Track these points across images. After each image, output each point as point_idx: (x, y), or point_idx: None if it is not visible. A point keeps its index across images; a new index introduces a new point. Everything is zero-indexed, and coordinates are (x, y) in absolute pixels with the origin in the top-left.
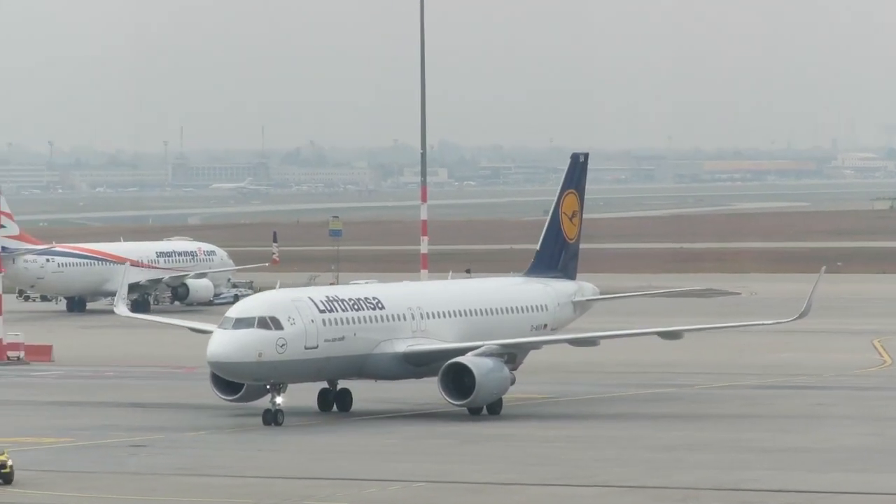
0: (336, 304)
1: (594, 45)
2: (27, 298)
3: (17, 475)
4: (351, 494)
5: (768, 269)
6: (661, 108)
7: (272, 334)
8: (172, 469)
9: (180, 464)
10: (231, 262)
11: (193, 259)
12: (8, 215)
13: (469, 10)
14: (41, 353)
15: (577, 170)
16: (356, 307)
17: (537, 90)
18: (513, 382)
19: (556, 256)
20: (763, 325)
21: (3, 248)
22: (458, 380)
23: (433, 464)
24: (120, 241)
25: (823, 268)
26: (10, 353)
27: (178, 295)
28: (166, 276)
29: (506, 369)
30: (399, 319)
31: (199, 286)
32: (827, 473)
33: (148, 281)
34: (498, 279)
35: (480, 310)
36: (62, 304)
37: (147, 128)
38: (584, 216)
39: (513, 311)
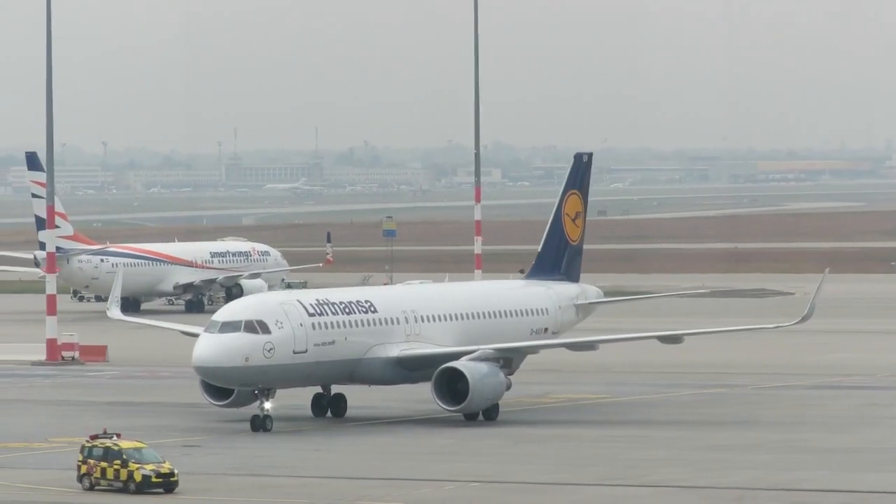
0: (326, 308)
1: (649, 44)
2: (81, 299)
3: (64, 475)
4: (405, 494)
5: (822, 270)
6: (715, 108)
7: (259, 338)
8: (227, 469)
9: (235, 463)
10: (285, 262)
11: (247, 259)
12: (62, 216)
13: (523, 10)
14: (96, 353)
15: (581, 170)
16: (347, 310)
17: (591, 90)
18: (508, 388)
19: (558, 259)
20: (764, 328)
21: (58, 248)
22: (453, 385)
23: (488, 464)
24: (174, 241)
25: (827, 270)
26: (65, 354)
27: (232, 295)
28: (220, 276)
29: (501, 374)
30: (392, 323)
31: (253, 286)
32: (880, 473)
33: (202, 281)
34: (497, 282)
35: (478, 313)
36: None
37: (201, 128)
38: (638, 216)
39: (511, 315)
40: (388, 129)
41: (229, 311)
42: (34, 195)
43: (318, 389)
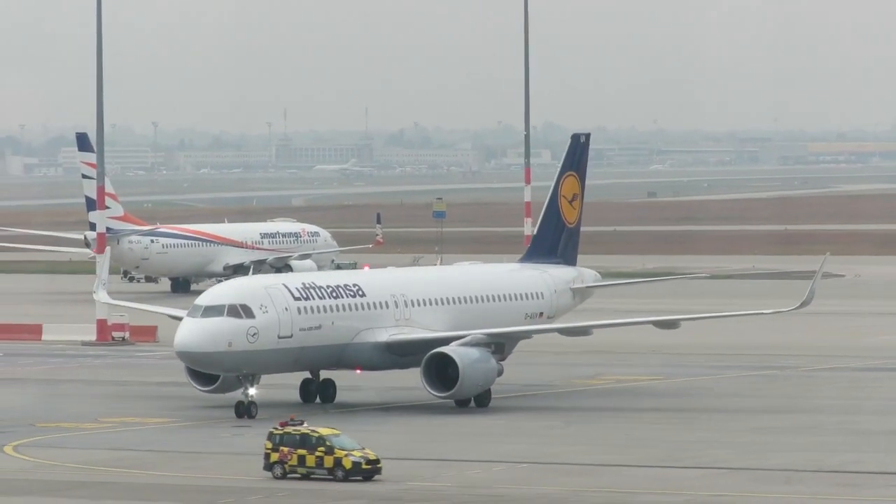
0: (313, 292)
1: (699, 25)
2: (132, 279)
3: (121, 454)
4: (455, 475)
5: (874, 251)
6: (766, 89)
7: (243, 323)
8: None
9: None
10: (335, 243)
11: (297, 240)
12: (113, 196)
13: None
14: (146, 333)
15: (578, 151)
16: (334, 294)
17: (642, 71)
18: (500, 373)
19: (554, 242)
20: (762, 314)
21: (108, 229)
22: (442, 371)
23: (537, 445)
24: (224, 222)
25: (827, 254)
26: (116, 334)
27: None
28: (270, 257)
29: (493, 360)
30: (381, 307)
31: (304, 267)
32: None
33: (252, 262)
34: (491, 266)
35: (469, 297)
36: (166, 285)
37: (251, 109)
38: (688, 198)
39: (505, 299)
40: (439, 111)
41: (212, 295)
42: (84, 176)
43: (307, 375)
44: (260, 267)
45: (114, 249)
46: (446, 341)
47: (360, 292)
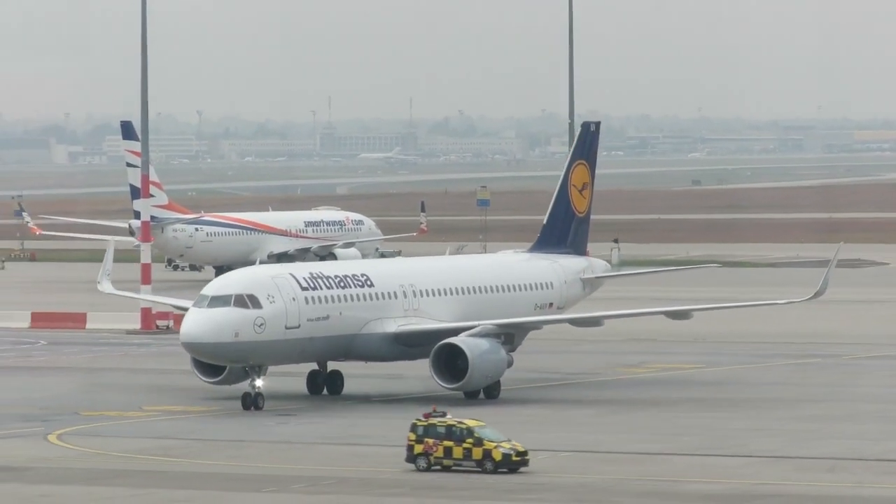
0: (320, 282)
1: (743, 12)
2: (176, 268)
3: (166, 442)
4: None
5: None
6: (810, 77)
7: (250, 313)
8: (320, 437)
9: (328, 433)
10: (379, 231)
11: (341, 228)
12: (157, 185)
13: None
14: None
15: (588, 139)
16: (342, 284)
17: (685, 59)
18: (510, 365)
19: (564, 231)
20: (775, 304)
21: (153, 217)
22: (452, 362)
23: (581, 433)
24: (268, 210)
25: (841, 243)
26: (160, 323)
27: None
28: (314, 245)
29: (502, 351)
30: (390, 297)
31: (348, 255)
32: None
33: (296, 250)
34: (500, 255)
35: (479, 287)
36: (210, 273)
37: (296, 97)
38: (732, 186)
39: (514, 290)
40: (483, 99)
41: (219, 285)
42: (129, 164)
43: (314, 366)
44: (304, 255)
45: (158, 238)
46: (455, 332)
47: (369, 282)
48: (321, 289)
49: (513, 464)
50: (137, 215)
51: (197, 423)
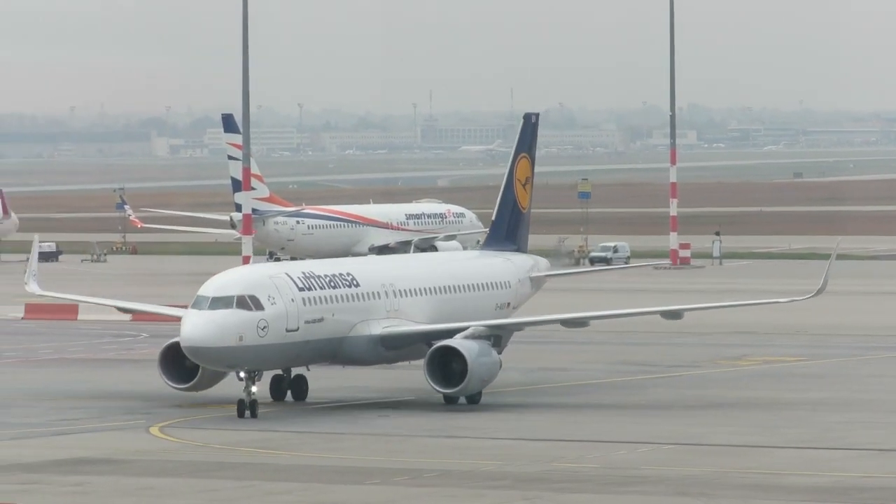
0: (313, 282)
1: (845, 3)
2: (277, 260)
3: (267, 435)
4: (600, 456)
5: None
6: None
7: (253, 315)
8: (421, 430)
9: (428, 425)
10: (480, 224)
11: (442, 221)
12: (258, 177)
13: None
14: None
15: (529, 131)
16: (332, 285)
17: (787, 52)
18: (500, 367)
19: (511, 228)
20: (777, 302)
21: (254, 210)
22: (445, 365)
23: (682, 426)
24: (369, 203)
25: (839, 239)
26: None
27: None
28: (416, 237)
29: (494, 353)
30: (374, 298)
31: (449, 247)
32: None
33: (397, 243)
34: (460, 253)
35: (447, 287)
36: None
37: (397, 90)
38: (834, 179)
39: (477, 289)
40: (583, 91)
41: (217, 286)
42: (230, 157)
43: (277, 371)
44: (405, 248)
45: (259, 231)
46: (444, 334)
47: (355, 282)
48: (315, 289)
49: None
50: (239, 208)
51: (297, 416)
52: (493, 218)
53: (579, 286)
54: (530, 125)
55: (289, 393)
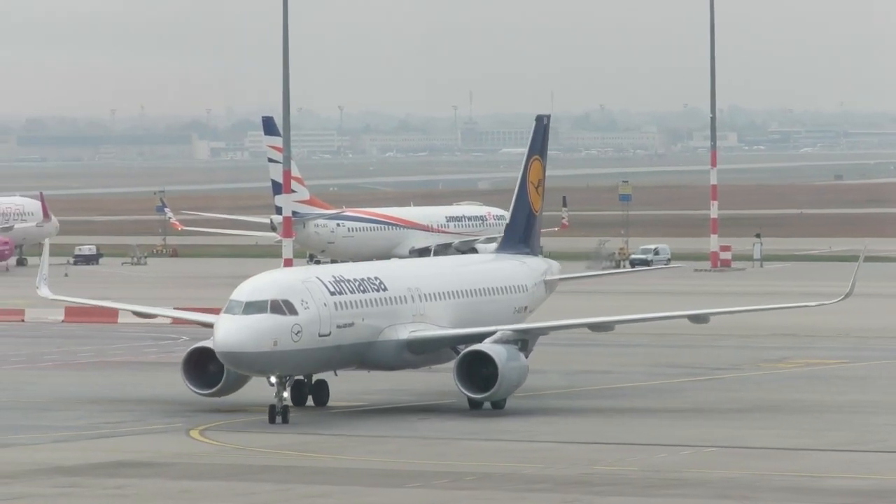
0: (344, 286)
1: (886, 6)
2: (318, 263)
3: (306, 438)
4: (641, 459)
5: None
6: None
7: (287, 320)
8: (462, 434)
9: (470, 429)
10: None
11: (483, 223)
12: (299, 180)
13: None
14: None
15: (541, 133)
16: (362, 289)
17: (827, 53)
18: (528, 372)
19: (525, 231)
20: (807, 306)
21: (294, 212)
22: (474, 370)
23: (723, 429)
24: (410, 205)
25: (867, 242)
26: None
27: None
28: (456, 240)
29: (522, 357)
30: (401, 302)
31: (489, 250)
32: None
33: (438, 245)
34: (472, 256)
35: (468, 290)
36: None
37: (437, 92)
38: (875, 181)
39: (497, 293)
40: (624, 93)
41: (250, 290)
42: (270, 160)
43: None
44: (445, 250)
45: (300, 233)
46: (471, 338)
47: (383, 286)
48: (346, 293)
49: None
50: (279, 211)
51: (338, 419)
52: (508, 221)
53: (618, 289)
54: (542, 127)
55: (310, 398)
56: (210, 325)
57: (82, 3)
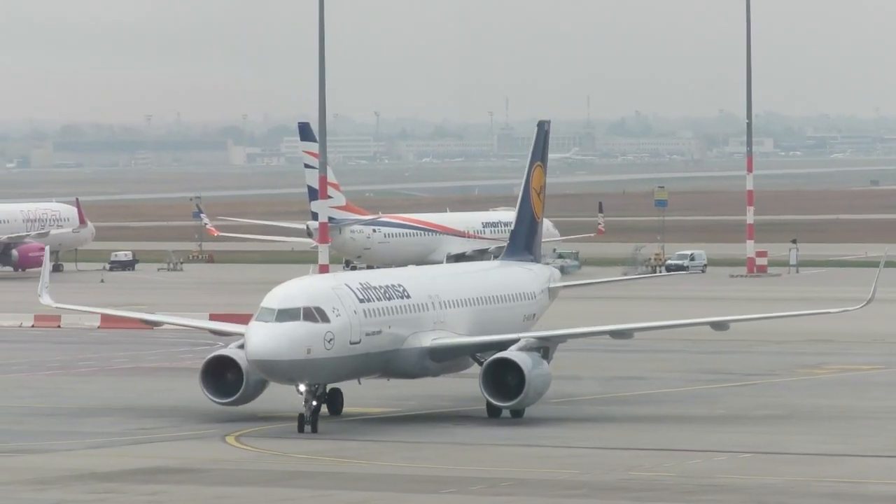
0: (371, 293)
1: None
2: (354, 268)
3: (342, 444)
4: (675, 465)
5: None
6: None
7: (320, 328)
8: (497, 439)
9: (506, 434)
10: (556, 232)
11: None
12: (335, 186)
13: None
14: None
15: (542, 139)
16: (388, 296)
17: (864, 58)
18: (551, 379)
19: (529, 237)
20: (828, 312)
21: (331, 218)
22: (499, 377)
23: (759, 435)
24: (446, 211)
25: (886, 250)
26: None
27: None
28: (492, 246)
29: (546, 365)
30: (423, 309)
31: None
32: None
33: (474, 251)
34: (482, 263)
35: (484, 298)
36: None
37: (473, 98)
38: None
39: (508, 300)
40: (660, 99)
41: (282, 297)
42: (307, 165)
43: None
44: (482, 256)
45: (336, 239)
46: (492, 346)
47: (406, 293)
48: (373, 300)
49: None
50: (315, 217)
51: (374, 425)
52: (513, 228)
53: (651, 294)
54: (543, 133)
55: (324, 407)
56: (206, 331)
57: (119, 11)
